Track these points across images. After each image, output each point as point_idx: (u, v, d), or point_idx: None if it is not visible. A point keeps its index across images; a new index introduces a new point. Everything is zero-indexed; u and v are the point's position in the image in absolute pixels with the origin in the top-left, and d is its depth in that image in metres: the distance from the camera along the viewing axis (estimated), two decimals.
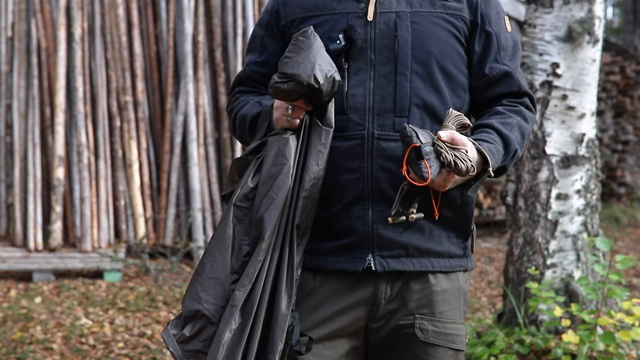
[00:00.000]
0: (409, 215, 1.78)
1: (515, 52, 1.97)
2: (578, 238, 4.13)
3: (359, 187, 1.84)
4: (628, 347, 3.82)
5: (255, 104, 1.97)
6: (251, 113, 1.95)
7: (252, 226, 1.80)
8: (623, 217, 10.62)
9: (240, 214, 1.83)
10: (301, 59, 1.76)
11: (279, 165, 1.80)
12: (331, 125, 1.81)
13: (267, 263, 1.78)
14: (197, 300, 1.78)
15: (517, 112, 1.92)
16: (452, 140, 1.73)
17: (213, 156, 7.36)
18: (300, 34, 1.80)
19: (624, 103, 11.80)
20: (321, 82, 1.75)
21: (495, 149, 1.82)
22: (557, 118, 4.13)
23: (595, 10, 4.12)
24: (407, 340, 1.89)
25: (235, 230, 1.82)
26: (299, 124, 1.83)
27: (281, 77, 1.77)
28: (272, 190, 1.79)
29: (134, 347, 4.72)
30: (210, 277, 1.79)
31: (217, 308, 1.78)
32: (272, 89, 1.78)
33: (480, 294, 6.41)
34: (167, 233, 7.23)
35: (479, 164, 1.77)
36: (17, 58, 7.15)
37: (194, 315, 1.78)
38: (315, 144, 1.81)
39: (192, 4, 7.29)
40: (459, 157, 1.70)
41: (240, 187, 1.83)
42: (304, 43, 1.78)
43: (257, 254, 1.77)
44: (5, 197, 7.26)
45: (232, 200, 1.83)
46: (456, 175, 1.73)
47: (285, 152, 1.80)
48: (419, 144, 1.69)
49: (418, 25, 1.87)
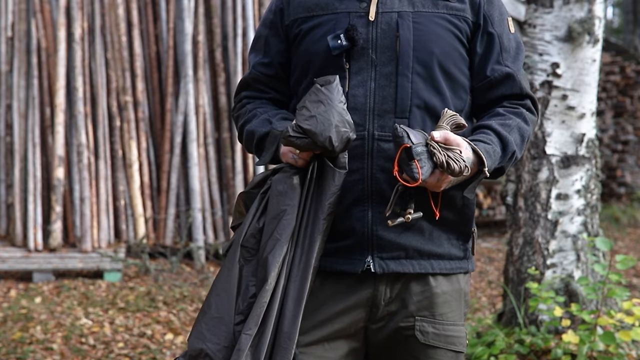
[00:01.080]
0: (406, 215, 1.77)
1: (518, 53, 1.95)
2: (578, 238, 4.13)
3: (359, 188, 1.83)
4: (628, 347, 3.82)
5: (265, 121, 1.94)
6: (259, 132, 1.93)
7: (259, 267, 1.79)
8: (623, 217, 10.62)
9: (248, 255, 1.82)
10: (320, 117, 1.73)
11: (284, 206, 1.79)
12: (345, 168, 1.79)
13: (274, 305, 1.77)
14: (201, 339, 1.79)
15: (518, 113, 1.91)
16: (446, 140, 1.72)
17: (213, 156, 7.36)
18: (323, 83, 1.77)
19: (624, 103, 11.80)
20: (336, 144, 1.73)
21: (492, 150, 1.80)
22: (557, 118, 4.13)
23: (595, 10, 4.12)
24: (407, 342, 1.89)
25: (243, 270, 1.81)
26: (305, 164, 1.82)
27: (296, 132, 1.74)
28: (277, 231, 1.78)
29: (134, 347, 4.72)
30: (215, 317, 1.79)
31: (221, 348, 1.77)
32: (285, 141, 1.76)
33: (480, 294, 6.41)
34: (167, 233, 7.23)
35: (474, 165, 1.76)
36: (17, 58, 7.15)
37: (198, 354, 1.78)
38: (329, 185, 1.78)
39: (192, 4, 7.29)
40: (452, 158, 1.69)
41: (247, 226, 1.83)
42: (325, 97, 1.75)
43: (261, 295, 1.76)
44: (5, 197, 7.26)
45: (240, 240, 1.82)
46: (450, 176, 1.72)
47: (290, 193, 1.79)
48: (409, 145, 1.68)
49: (420, 25, 1.86)
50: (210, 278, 6.59)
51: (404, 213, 1.77)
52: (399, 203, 1.78)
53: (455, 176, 1.71)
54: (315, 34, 1.89)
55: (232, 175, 7.31)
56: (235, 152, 7.32)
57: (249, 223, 1.83)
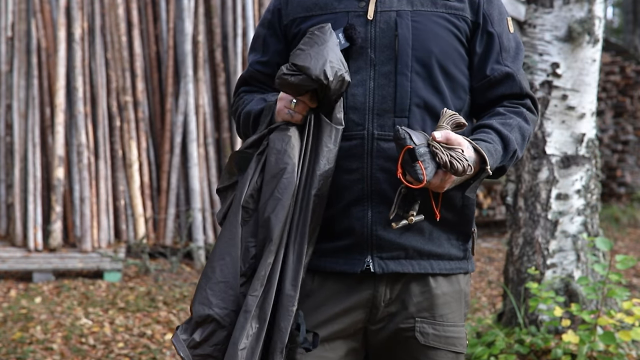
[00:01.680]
0: (409, 218, 1.76)
1: (518, 53, 1.95)
2: (578, 238, 4.13)
3: (359, 187, 1.82)
4: (628, 347, 3.82)
5: (260, 100, 1.95)
6: (255, 109, 1.93)
7: (260, 228, 1.77)
8: (623, 217, 10.62)
9: (246, 215, 1.79)
10: (314, 53, 1.72)
11: (283, 164, 1.76)
12: (341, 123, 1.78)
13: (277, 265, 1.75)
14: (207, 305, 1.76)
15: (518, 113, 1.90)
16: (447, 140, 1.71)
17: (213, 156, 7.36)
18: (316, 28, 1.78)
19: (624, 103, 11.79)
20: (330, 78, 1.72)
21: (494, 149, 1.80)
22: (557, 118, 4.13)
23: (595, 10, 4.12)
24: (407, 343, 1.88)
25: (242, 231, 1.79)
26: (302, 119, 1.81)
27: (290, 69, 1.73)
28: (277, 191, 1.75)
29: (134, 347, 4.72)
30: (221, 281, 1.76)
31: (228, 312, 1.76)
32: (279, 80, 1.75)
33: (480, 294, 6.41)
34: (167, 233, 7.22)
35: (476, 164, 1.75)
36: (17, 58, 7.15)
37: (205, 320, 1.76)
38: (325, 142, 1.77)
39: (192, 4, 7.29)
40: (454, 157, 1.68)
41: (246, 187, 1.80)
42: (319, 38, 1.75)
43: (266, 256, 1.74)
44: (5, 197, 7.26)
45: (241, 201, 1.79)
46: (453, 176, 1.72)
47: (288, 150, 1.77)
48: (412, 146, 1.67)
49: (419, 24, 1.85)
50: None
51: (407, 215, 1.76)
52: (401, 205, 1.77)
53: (458, 175, 1.70)
54: None
55: None
56: None
57: (248, 184, 1.80)
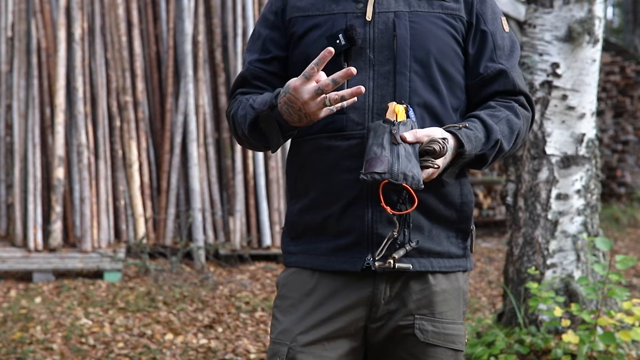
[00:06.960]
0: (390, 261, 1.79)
1: (513, 51, 1.96)
2: (578, 238, 4.13)
3: (358, 186, 1.83)
4: (628, 347, 3.82)
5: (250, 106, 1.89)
6: (252, 114, 1.87)
7: None
8: (623, 217, 10.61)
9: None
10: None
11: None
12: None
13: None
14: None
15: (509, 107, 1.91)
16: (417, 139, 1.74)
17: (213, 156, 7.36)
18: None
19: (624, 103, 11.79)
20: None
21: (474, 135, 1.81)
22: (557, 118, 4.13)
23: (595, 10, 4.12)
24: (407, 340, 1.89)
25: None
26: None
27: None
28: None
29: (134, 347, 4.72)
30: None
31: None
32: None
33: (480, 294, 6.41)
34: (167, 233, 7.23)
35: (454, 149, 1.78)
36: (17, 58, 7.15)
37: None
38: None
39: (192, 4, 7.29)
40: (430, 145, 1.73)
41: None
42: None
43: None
44: (5, 197, 7.26)
45: None
46: (437, 169, 1.75)
47: None
48: (386, 179, 1.69)
49: (416, 24, 1.87)
50: (210, 278, 6.60)
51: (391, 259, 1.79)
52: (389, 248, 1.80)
53: (441, 157, 1.74)
54: (312, 35, 1.89)
55: (232, 175, 7.31)
56: (235, 152, 7.32)
57: None
